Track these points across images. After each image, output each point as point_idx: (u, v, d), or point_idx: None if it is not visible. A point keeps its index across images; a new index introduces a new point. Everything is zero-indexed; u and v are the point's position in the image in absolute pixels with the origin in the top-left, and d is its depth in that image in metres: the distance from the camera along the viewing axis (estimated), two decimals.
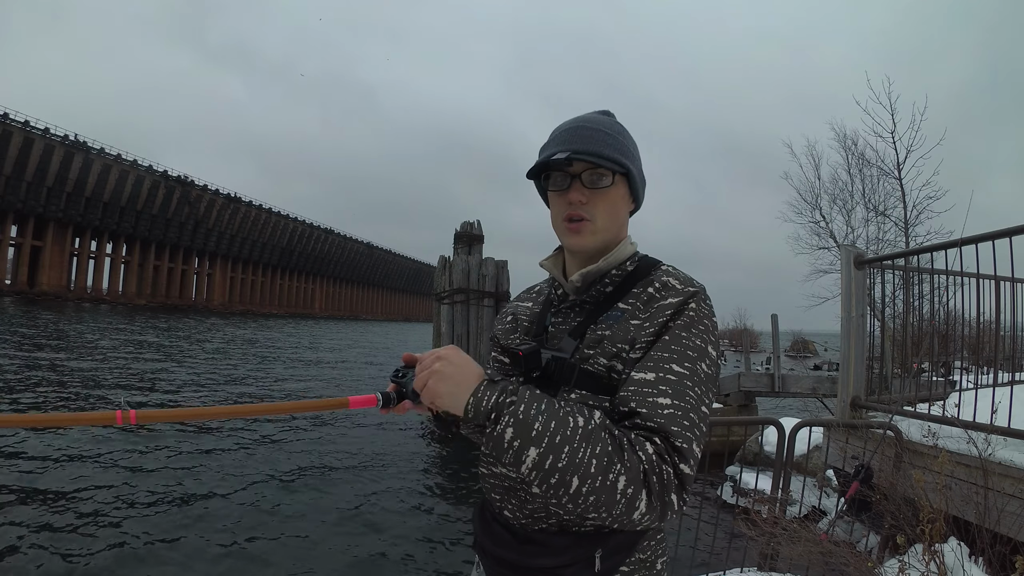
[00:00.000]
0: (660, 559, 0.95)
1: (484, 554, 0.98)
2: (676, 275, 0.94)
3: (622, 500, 0.75)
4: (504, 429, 0.78)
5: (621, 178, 0.96)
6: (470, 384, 0.82)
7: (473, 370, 0.83)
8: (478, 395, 0.81)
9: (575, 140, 0.94)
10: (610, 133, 0.95)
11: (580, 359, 0.92)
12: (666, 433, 0.79)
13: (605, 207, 0.95)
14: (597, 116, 1.00)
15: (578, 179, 0.94)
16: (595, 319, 0.94)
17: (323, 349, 27.34)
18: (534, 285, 1.18)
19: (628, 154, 0.96)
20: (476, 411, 0.80)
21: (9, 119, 53.48)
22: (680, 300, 0.89)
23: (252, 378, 14.99)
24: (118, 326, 29.98)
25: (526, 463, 0.77)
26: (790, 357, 34.03)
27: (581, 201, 0.94)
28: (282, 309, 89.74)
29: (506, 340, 1.08)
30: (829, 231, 11.62)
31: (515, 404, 0.78)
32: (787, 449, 3.61)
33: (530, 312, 1.09)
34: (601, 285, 0.98)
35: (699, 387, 0.84)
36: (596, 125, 0.96)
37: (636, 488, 0.76)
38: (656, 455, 0.78)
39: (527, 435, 0.77)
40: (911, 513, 2.57)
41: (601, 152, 0.92)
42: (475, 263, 13.09)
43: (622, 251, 0.98)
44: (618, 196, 0.96)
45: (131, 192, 65.56)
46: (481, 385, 0.81)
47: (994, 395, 2.78)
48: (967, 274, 3.15)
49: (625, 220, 1.01)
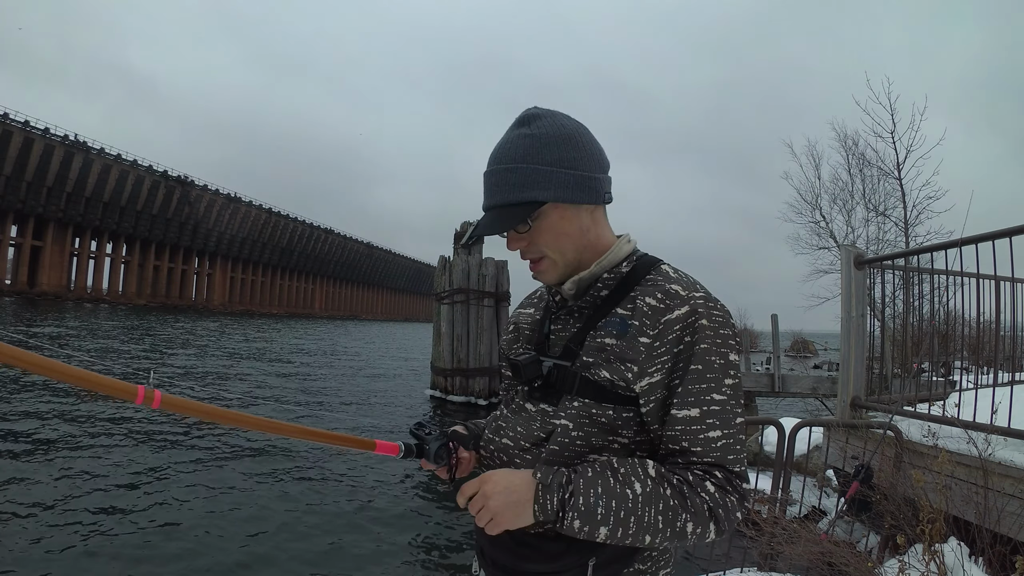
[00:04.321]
0: (663, 570, 0.94)
1: (483, 555, 0.99)
2: (678, 280, 0.90)
3: (693, 538, 0.82)
4: (572, 523, 0.81)
5: (547, 205, 0.89)
6: (527, 499, 0.83)
7: (522, 483, 0.84)
8: (540, 503, 0.82)
9: (487, 192, 0.91)
10: (515, 167, 0.88)
11: (581, 366, 0.90)
12: (723, 465, 0.83)
13: (547, 239, 0.91)
14: (508, 140, 0.91)
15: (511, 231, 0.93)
16: (594, 325, 0.92)
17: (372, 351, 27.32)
18: (535, 291, 1.15)
19: (539, 180, 0.87)
20: (545, 517, 0.83)
21: (9, 119, 53.49)
22: (687, 311, 0.85)
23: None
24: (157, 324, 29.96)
25: (600, 539, 0.82)
26: (790, 357, 34.01)
27: (523, 247, 0.93)
28: (282, 309, 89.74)
29: (509, 351, 1.06)
30: (829, 231, 11.65)
31: (574, 497, 0.81)
32: (787, 449, 3.62)
33: (531, 320, 1.07)
34: (595, 289, 0.95)
35: (735, 401, 0.86)
36: (501, 162, 0.90)
37: (704, 526, 0.82)
38: (718, 490, 0.82)
39: (593, 521, 0.81)
40: (911, 513, 2.57)
41: (505, 201, 0.88)
42: (475, 263, 13.09)
43: (616, 253, 0.95)
44: (555, 220, 0.91)
45: (131, 192, 65.57)
46: (538, 493, 0.83)
47: (994, 395, 2.78)
48: (967, 274, 3.15)
49: (587, 227, 0.93)
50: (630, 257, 0.96)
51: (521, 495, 0.83)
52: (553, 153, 0.89)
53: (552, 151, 0.89)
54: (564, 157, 0.89)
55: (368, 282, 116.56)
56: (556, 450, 0.90)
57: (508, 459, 0.96)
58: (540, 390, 0.94)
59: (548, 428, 0.92)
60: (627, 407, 0.88)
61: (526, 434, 0.94)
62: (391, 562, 4.58)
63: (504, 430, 0.99)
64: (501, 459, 0.97)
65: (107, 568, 4.03)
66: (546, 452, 0.90)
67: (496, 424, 1.02)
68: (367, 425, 10.19)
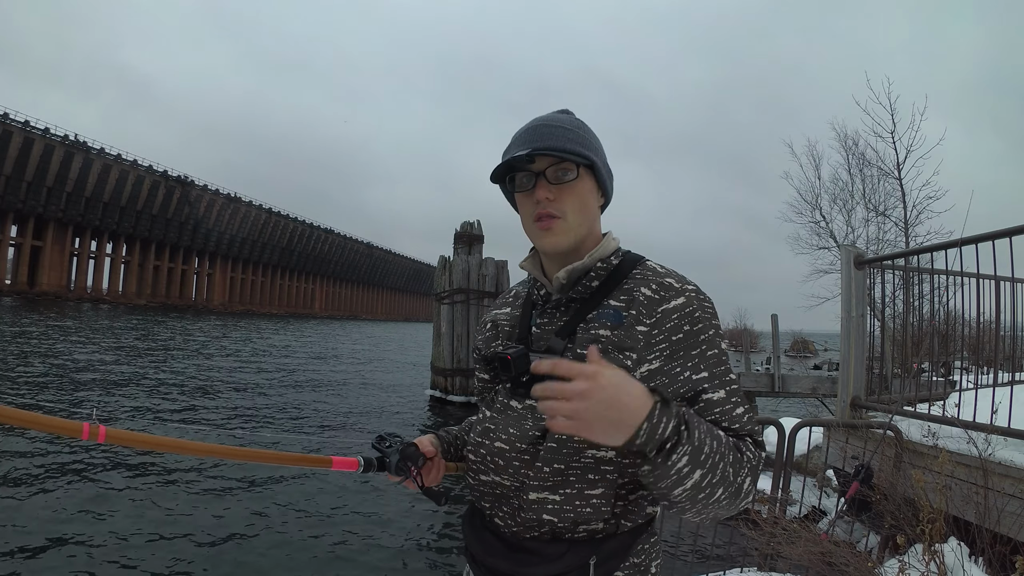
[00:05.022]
0: (654, 562, 0.94)
1: (475, 562, 0.97)
2: (669, 273, 0.94)
3: (742, 494, 0.83)
4: (680, 458, 0.74)
5: (587, 171, 0.94)
6: (639, 408, 0.71)
7: (639, 391, 0.72)
8: (653, 421, 0.72)
9: (535, 138, 0.92)
10: (569, 128, 0.94)
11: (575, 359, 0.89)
12: (750, 433, 0.88)
13: (574, 202, 0.93)
14: (555, 114, 0.98)
15: (543, 176, 0.92)
16: (584, 317, 0.93)
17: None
18: (509, 290, 1.14)
19: (591, 147, 0.94)
20: (649, 438, 0.72)
21: (9, 119, 53.49)
22: (684, 301, 0.89)
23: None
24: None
25: (686, 484, 0.77)
26: (790, 357, 34.02)
27: (548, 198, 0.92)
28: (282, 309, 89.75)
29: (488, 349, 1.04)
30: (829, 231, 11.64)
31: (690, 429, 0.75)
32: (787, 449, 3.62)
33: (510, 316, 1.05)
34: (587, 280, 0.95)
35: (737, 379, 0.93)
36: (555, 122, 0.95)
37: (752, 482, 0.85)
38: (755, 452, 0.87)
39: (696, 460, 0.76)
40: (911, 513, 2.57)
41: (563, 147, 0.91)
42: (475, 263, 13.09)
43: (607, 246, 0.97)
44: (586, 190, 0.94)
45: (131, 192, 65.57)
46: (654, 411, 0.72)
47: (994, 395, 2.77)
48: (967, 274, 3.15)
49: (596, 215, 0.98)
50: (616, 252, 0.99)
51: (633, 402, 0.71)
52: (597, 140, 0.99)
53: (596, 138, 0.99)
54: (602, 149, 0.99)
55: (368, 282, 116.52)
56: (554, 447, 0.89)
57: (505, 462, 0.94)
58: (526, 385, 0.90)
59: (541, 425, 0.90)
60: None
61: (519, 435, 0.93)
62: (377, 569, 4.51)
63: (494, 432, 0.97)
64: (497, 463, 0.95)
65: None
66: (544, 451, 0.89)
67: (483, 427, 1.00)
68: (367, 426, 10.19)
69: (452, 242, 13.73)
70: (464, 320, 12.90)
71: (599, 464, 0.88)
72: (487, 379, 1.04)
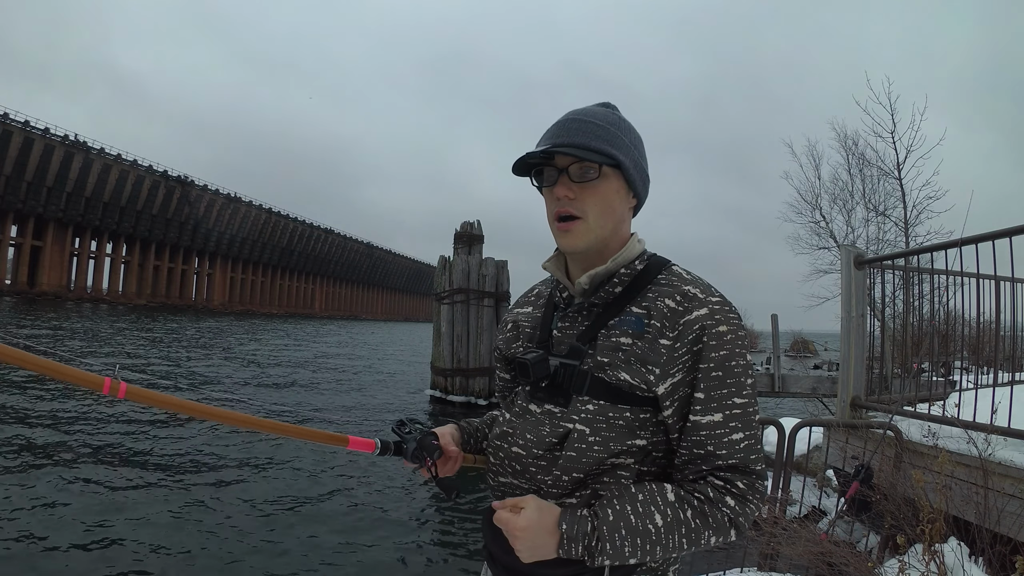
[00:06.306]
0: (672, 567, 0.93)
1: (493, 561, 0.96)
2: (694, 282, 0.90)
3: (716, 547, 0.87)
4: (602, 564, 0.83)
5: (613, 171, 0.90)
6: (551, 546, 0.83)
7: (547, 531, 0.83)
8: (564, 548, 0.83)
9: (562, 133, 0.89)
10: (601, 124, 0.90)
11: (594, 366, 0.88)
12: (745, 465, 0.85)
13: (596, 202, 0.89)
14: (593, 108, 0.94)
15: (565, 173, 0.89)
16: (605, 323, 0.91)
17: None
18: (531, 288, 1.12)
19: (620, 145, 0.90)
20: (569, 557, 0.83)
21: (9, 119, 53.47)
22: (706, 314, 0.85)
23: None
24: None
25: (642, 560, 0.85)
26: (790, 357, 33.97)
27: (568, 196, 0.89)
28: (282, 309, 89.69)
29: (509, 350, 1.03)
30: (829, 231, 11.65)
31: (600, 543, 0.82)
32: (787, 449, 3.62)
33: (531, 317, 1.04)
34: (610, 286, 0.92)
35: (754, 402, 0.87)
36: (587, 117, 0.91)
37: (726, 535, 0.85)
38: (738, 502, 0.84)
39: (622, 558, 0.83)
40: (911, 513, 2.57)
41: (586, 144, 0.87)
42: (475, 263, 13.08)
43: (631, 250, 0.94)
44: (610, 190, 0.90)
45: (131, 192, 65.51)
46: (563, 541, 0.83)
47: (994, 395, 2.77)
48: (967, 274, 3.15)
49: (624, 216, 0.94)
50: (642, 256, 0.96)
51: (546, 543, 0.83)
52: (633, 137, 0.93)
53: (633, 136, 0.94)
54: (639, 148, 0.94)
55: (368, 282, 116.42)
56: (573, 456, 0.87)
57: (522, 468, 0.93)
58: (545, 390, 0.91)
59: (559, 432, 0.89)
60: (644, 408, 0.87)
61: (537, 440, 0.91)
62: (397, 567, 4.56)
63: (512, 437, 0.96)
64: (514, 467, 0.94)
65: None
66: (563, 459, 0.88)
67: (502, 431, 0.99)
68: (367, 426, 10.19)
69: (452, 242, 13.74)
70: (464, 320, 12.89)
71: (616, 469, 0.87)
72: (507, 379, 1.04)
